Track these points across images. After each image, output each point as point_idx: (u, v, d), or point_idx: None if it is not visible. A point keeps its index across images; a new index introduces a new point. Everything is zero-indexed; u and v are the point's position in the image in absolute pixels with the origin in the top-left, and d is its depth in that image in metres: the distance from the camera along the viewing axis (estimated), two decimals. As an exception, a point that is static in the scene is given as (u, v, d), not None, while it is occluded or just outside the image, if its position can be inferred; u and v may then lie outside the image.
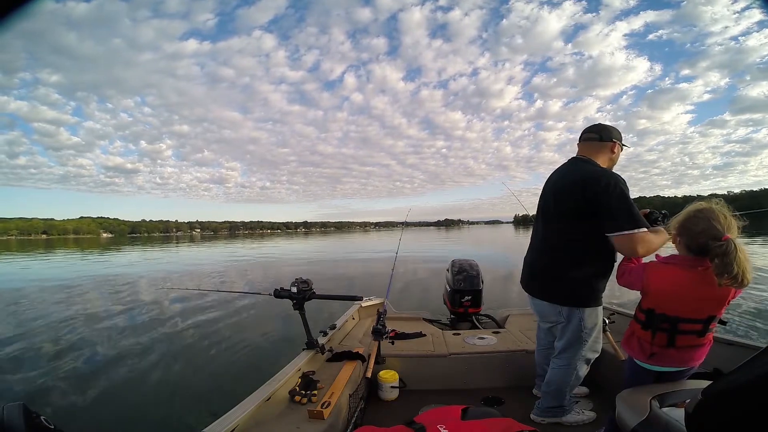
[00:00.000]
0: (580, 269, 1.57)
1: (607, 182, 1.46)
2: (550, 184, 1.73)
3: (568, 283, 1.60)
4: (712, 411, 0.75)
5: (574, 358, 1.67)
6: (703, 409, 0.77)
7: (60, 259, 20.52)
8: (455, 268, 3.30)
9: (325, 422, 1.39)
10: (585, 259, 1.57)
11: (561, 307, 1.63)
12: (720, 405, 0.74)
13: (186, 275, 12.08)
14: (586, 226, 1.52)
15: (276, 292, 1.90)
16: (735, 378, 0.74)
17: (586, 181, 1.52)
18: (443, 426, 0.84)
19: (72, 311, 6.47)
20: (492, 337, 2.53)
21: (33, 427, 0.53)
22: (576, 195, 1.53)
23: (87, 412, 2.97)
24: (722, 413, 0.74)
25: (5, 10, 0.52)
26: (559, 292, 1.64)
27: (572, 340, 1.65)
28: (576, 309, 1.61)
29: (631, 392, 1.44)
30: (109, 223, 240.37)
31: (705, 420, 0.78)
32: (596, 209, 1.47)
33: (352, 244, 33.38)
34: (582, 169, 1.59)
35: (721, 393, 0.74)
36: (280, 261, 16.88)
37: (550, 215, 1.67)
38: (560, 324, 1.67)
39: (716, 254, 1.21)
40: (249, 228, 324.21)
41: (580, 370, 1.70)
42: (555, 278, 1.65)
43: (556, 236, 1.64)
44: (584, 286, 1.59)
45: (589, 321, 1.62)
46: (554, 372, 1.73)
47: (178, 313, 6.13)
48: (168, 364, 3.93)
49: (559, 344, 1.71)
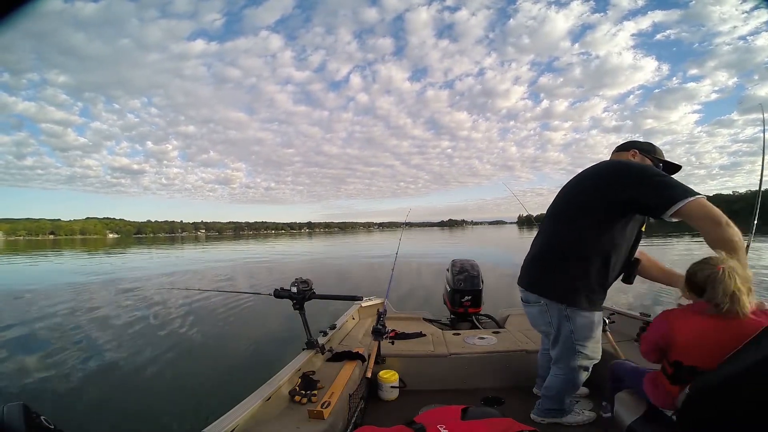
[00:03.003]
0: (574, 265, 1.49)
1: (642, 166, 1.44)
2: (565, 186, 1.69)
3: (557, 276, 1.53)
4: (699, 405, 0.77)
5: (569, 368, 1.61)
6: (691, 404, 0.79)
7: (63, 259, 20.55)
8: (455, 268, 3.31)
9: (325, 422, 1.39)
10: (582, 256, 1.47)
11: (547, 306, 1.55)
12: (706, 399, 0.76)
13: (187, 275, 12.08)
14: (590, 223, 1.45)
15: (276, 292, 1.91)
16: (719, 373, 0.75)
17: (616, 167, 1.49)
18: (443, 426, 0.84)
19: (72, 311, 6.48)
20: (492, 337, 2.52)
21: (33, 427, 0.54)
22: (595, 185, 1.48)
23: (87, 412, 2.98)
24: (708, 407, 0.76)
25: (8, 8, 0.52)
26: (545, 284, 1.57)
27: (564, 350, 1.58)
28: (562, 310, 1.51)
29: (630, 392, 1.45)
30: (115, 224, 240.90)
31: (693, 413, 0.80)
32: (632, 196, 1.37)
33: (353, 244, 33.35)
34: (602, 163, 1.58)
35: (706, 388, 0.76)
36: (281, 261, 16.89)
37: (556, 213, 1.63)
38: (551, 333, 1.61)
39: (706, 283, 1.15)
40: (253, 228, 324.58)
41: (577, 379, 1.65)
42: (545, 270, 1.59)
43: (558, 233, 1.59)
44: (574, 284, 1.49)
45: (579, 328, 1.52)
46: (552, 379, 1.71)
47: (178, 312, 6.13)
48: (168, 364, 3.94)
49: (553, 354, 1.66)
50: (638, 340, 2.25)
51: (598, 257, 1.47)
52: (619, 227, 1.44)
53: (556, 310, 1.54)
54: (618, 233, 1.45)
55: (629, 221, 1.45)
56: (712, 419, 0.76)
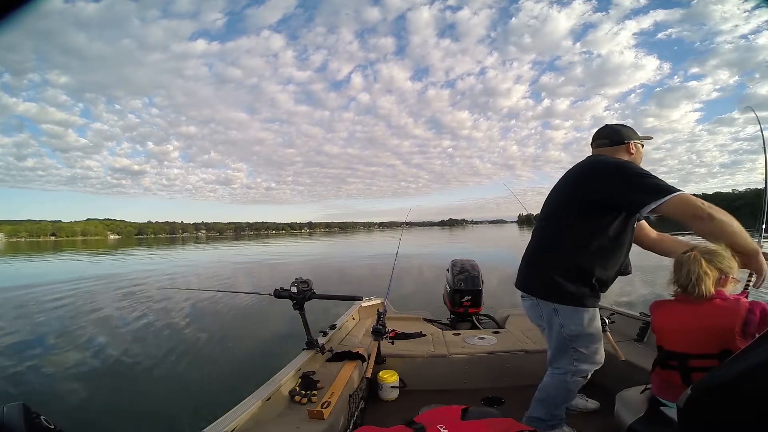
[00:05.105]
0: (564, 260, 1.45)
1: (621, 163, 1.40)
2: (554, 186, 1.66)
3: (546, 273, 1.48)
4: (702, 405, 0.77)
5: (563, 369, 1.51)
6: (693, 404, 0.79)
7: (64, 261, 20.55)
8: (456, 268, 3.30)
9: (325, 422, 1.40)
10: (572, 251, 1.44)
11: (537, 300, 1.52)
12: (709, 399, 0.76)
13: (188, 275, 12.09)
14: (573, 221, 1.44)
15: (276, 292, 1.91)
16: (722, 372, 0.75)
17: (594, 165, 1.46)
18: (443, 426, 0.84)
19: (73, 311, 6.49)
20: (492, 337, 2.52)
21: (33, 427, 0.54)
22: (575, 184, 1.47)
23: (87, 412, 2.98)
24: (711, 407, 0.76)
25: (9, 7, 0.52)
26: (534, 282, 1.54)
27: (557, 349, 1.51)
28: (551, 306, 1.46)
29: (631, 391, 1.45)
30: (116, 225, 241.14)
31: (695, 414, 0.80)
32: (609, 194, 1.36)
33: (353, 245, 33.32)
34: (590, 159, 1.56)
35: (709, 387, 0.76)
36: (281, 261, 16.89)
37: (545, 212, 1.61)
38: (543, 328, 1.57)
39: (674, 266, 1.26)
40: (254, 229, 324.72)
41: (571, 384, 1.53)
42: (534, 267, 1.56)
43: (549, 230, 1.57)
44: (563, 279, 1.43)
45: (571, 325, 1.44)
46: (545, 380, 1.60)
47: (178, 313, 6.14)
48: (168, 364, 3.94)
49: (549, 353, 1.59)
50: (638, 340, 2.25)
51: (585, 254, 1.43)
52: (604, 224, 1.40)
53: (545, 305, 1.51)
54: (606, 230, 1.41)
55: (616, 218, 1.40)
56: (713, 419, 0.76)
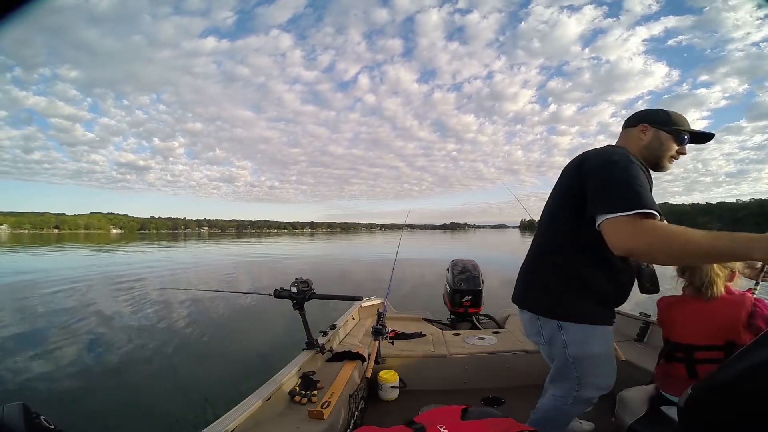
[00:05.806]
0: (563, 271, 1.22)
1: (608, 157, 1.11)
2: None
3: (544, 286, 1.27)
4: (702, 405, 0.77)
5: (564, 395, 1.30)
6: (693, 403, 0.79)
7: (65, 255, 20.55)
8: (456, 268, 3.31)
9: (325, 422, 1.40)
10: (572, 260, 1.21)
11: (537, 318, 1.29)
12: (709, 398, 0.76)
13: (188, 274, 12.09)
14: (562, 226, 1.23)
15: (276, 292, 1.91)
16: (723, 372, 0.75)
17: (583, 159, 1.19)
18: (443, 426, 0.84)
19: (72, 310, 6.48)
20: (492, 337, 2.52)
21: (33, 427, 0.54)
22: (571, 179, 1.20)
23: (87, 412, 2.98)
24: (712, 406, 0.76)
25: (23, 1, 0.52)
26: (531, 296, 1.32)
27: (558, 370, 1.30)
28: (554, 323, 1.24)
29: (631, 392, 1.45)
30: (119, 220, 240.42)
31: (696, 413, 0.80)
32: (579, 191, 1.13)
33: (354, 246, 33.35)
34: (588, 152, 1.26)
35: (710, 387, 0.76)
36: (281, 261, 16.90)
37: (545, 213, 1.36)
38: (541, 344, 1.34)
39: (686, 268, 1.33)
40: (256, 227, 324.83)
41: (573, 408, 1.32)
42: (532, 280, 1.33)
43: (546, 235, 1.32)
44: (564, 293, 1.22)
45: (576, 345, 1.21)
46: (545, 402, 1.39)
47: (178, 312, 6.14)
48: (168, 364, 3.94)
49: (551, 371, 1.37)
50: (638, 340, 2.25)
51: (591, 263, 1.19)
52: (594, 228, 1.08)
53: (545, 321, 1.28)
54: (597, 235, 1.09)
55: None
56: (714, 419, 0.76)
